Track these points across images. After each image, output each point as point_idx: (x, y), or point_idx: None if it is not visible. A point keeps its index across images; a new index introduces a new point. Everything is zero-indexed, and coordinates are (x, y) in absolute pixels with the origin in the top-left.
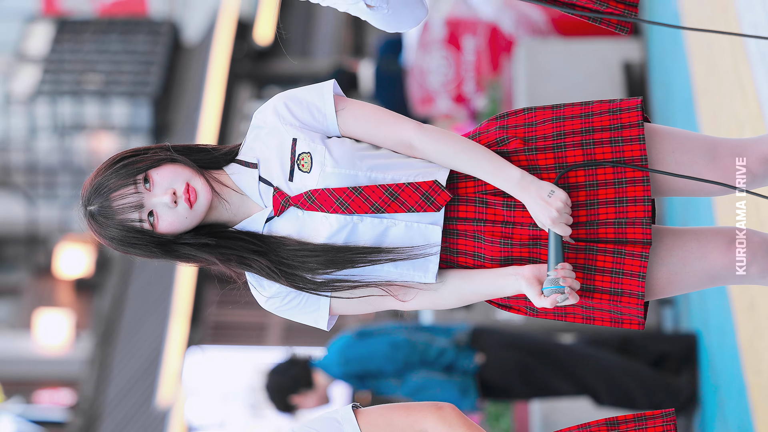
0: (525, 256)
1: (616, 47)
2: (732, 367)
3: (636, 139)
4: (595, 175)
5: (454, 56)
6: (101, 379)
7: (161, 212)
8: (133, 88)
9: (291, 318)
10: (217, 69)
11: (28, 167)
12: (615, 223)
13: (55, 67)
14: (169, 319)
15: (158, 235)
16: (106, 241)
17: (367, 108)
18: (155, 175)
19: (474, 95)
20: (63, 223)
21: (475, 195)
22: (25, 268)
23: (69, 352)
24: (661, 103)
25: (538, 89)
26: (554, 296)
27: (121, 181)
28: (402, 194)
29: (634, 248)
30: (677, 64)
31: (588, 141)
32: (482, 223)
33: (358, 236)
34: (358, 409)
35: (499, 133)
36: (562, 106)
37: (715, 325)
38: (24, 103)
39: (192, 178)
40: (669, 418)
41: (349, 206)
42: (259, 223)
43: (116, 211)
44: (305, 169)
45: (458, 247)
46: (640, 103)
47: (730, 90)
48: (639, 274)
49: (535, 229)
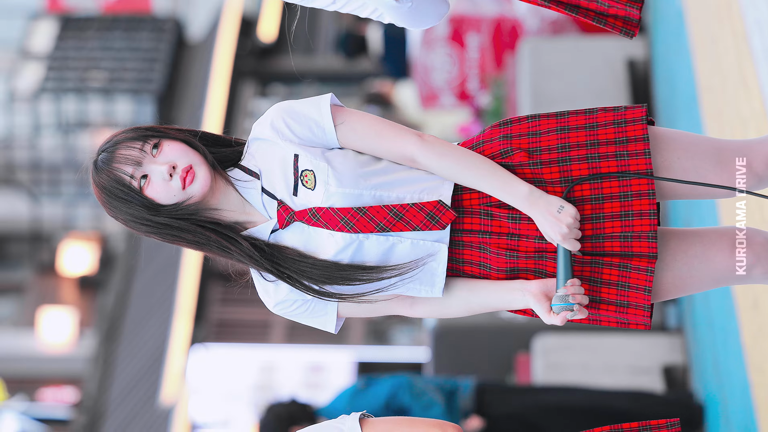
0: (531, 267)
1: (620, 45)
2: (736, 366)
3: (641, 153)
4: (601, 188)
5: (457, 53)
6: (105, 376)
7: (154, 179)
8: (137, 85)
9: (299, 321)
10: (221, 66)
11: (31, 165)
12: (621, 237)
13: (58, 64)
14: (173, 317)
15: (146, 198)
16: (98, 191)
17: (366, 120)
18: (166, 145)
19: (478, 92)
20: (67, 221)
21: (480, 207)
22: (28, 266)
23: (72, 350)
24: (665, 101)
25: (542, 87)
26: (564, 314)
27: (133, 135)
28: (407, 214)
29: (640, 262)
30: (681, 62)
31: (593, 155)
32: (488, 235)
33: (365, 253)
34: (365, 419)
35: (503, 144)
36: (566, 115)
37: (719, 324)
38: (28, 101)
39: (198, 165)
40: (675, 428)
41: (354, 226)
42: (264, 234)
43: (114, 159)
44: (309, 186)
45: (464, 257)
46: (644, 115)
47: (734, 88)
48: (645, 288)
49: (540, 242)
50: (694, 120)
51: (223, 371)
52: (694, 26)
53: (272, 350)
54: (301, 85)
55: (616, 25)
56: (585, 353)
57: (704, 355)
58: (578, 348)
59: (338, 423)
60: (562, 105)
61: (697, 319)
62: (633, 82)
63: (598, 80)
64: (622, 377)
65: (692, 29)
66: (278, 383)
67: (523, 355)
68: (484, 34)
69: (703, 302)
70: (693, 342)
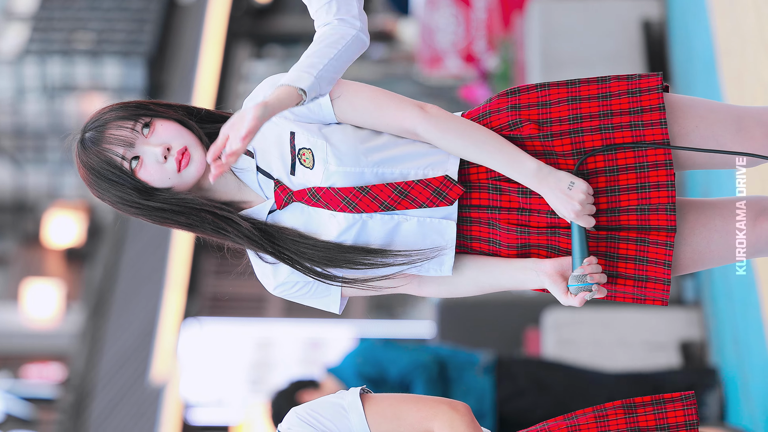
0: (543, 243)
1: (634, 4)
2: (756, 341)
3: (657, 123)
4: (615, 159)
5: (464, 13)
6: (93, 353)
7: (147, 161)
8: (126, 47)
9: (301, 303)
10: (215, 27)
11: (15, 131)
12: (638, 210)
13: (43, 25)
14: (164, 290)
15: (139, 181)
16: (85, 171)
17: (365, 93)
18: (159, 125)
19: (485, 55)
20: (52, 189)
21: (488, 181)
22: (12, 237)
23: (59, 325)
24: (682, 65)
25: (552, 49)
26: (582, 294)
27: (123, 114)
28: (412, 191)
29: (659, 236)
30: (699, 23)
31: (606, 126)
32: (497, 210)
33: (369, 233)
34: (367, 395)
35: (512, 115)
36: (577, 83)
37: (739, 297)
38: (11, 63)
39: (193, 146)
40: (689, 401)
41: (357, 206)
42: (261, 215)
43: (105, 139)
44: (307, 165)
45: (472, 234)
46: (660, 83)
47: (754, 51)
48: (665, 262)
49: (553, 217)
50: (713, 85)
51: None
52: None
53: (269, 325)
54: (298, 45)
55: None
56: (598, 329)
57: (723, 329)
58: (591, 323)
59: (337, 398)
60: (574, 68)
61: (715, 293)
62: (648, 44)
63: (611, 42)
64: (638, 353)
65: None
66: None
67: (532, 331)
68: None
69: (722, 275)
70: (711, 316)
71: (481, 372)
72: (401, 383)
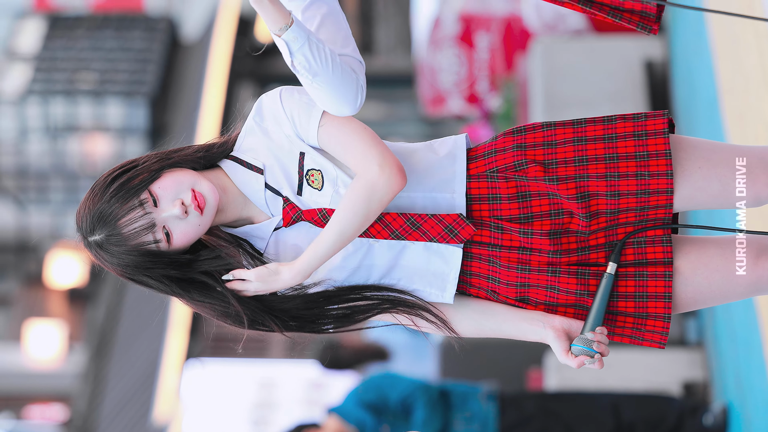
0: (542, 283)
1: (637, 45)
2: (759, 380)
3: (663, 174)
4: (618, 204)
5: (466, 54)
6: (95, 394)
7: (173, 225)
8: (129, 87)
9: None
10: (217, 67)
11: (18, 171)
12: (634, 244)
13: (46, 65)
14: (167, 331)
15: (176, 255)
16: (118, 270)
17: (344, 128)
18: (158, 189)
19: (487, 95)
20: (55, 230)
21: (490, 219)
22: (15, 277)
23: (61, 366)
24: (685, 103)
25: (555, 89)
26: (582, 358)
27: (125, 204)
28: (425, 225)
29: (656, 268)
30: (701, 62)
31: (612, 173)
32: (497, 248)
33: (374, 256)
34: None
35: (517, 155)
36: (583, 123)
37: (742, 337)
38: (14, 104)
39: (196, 182)
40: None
41: (368, 230)
42: (266, 232)
43: (128, 237)
44: (316, 186)
45: (472, 269)
46: (666, 127)
47: (756, 90)
48: (664, 294)
49: (554, 257)
50: (715, 123)
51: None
52: (715, 25)
53: (271, 366)
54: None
55: (632, 20)
56: (600, 370)
57: (726, 369)
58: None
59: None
60: (577, 108)
61: (718, 333)
62: (651, 84)
63: (615, 82)
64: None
65: (713, 28)
66: (278, 401)
67: (535, 371)
68: (494, 34)
69: (725, 315)
70: (714, 356)
71: (485, 399)
72: (402, 406)
